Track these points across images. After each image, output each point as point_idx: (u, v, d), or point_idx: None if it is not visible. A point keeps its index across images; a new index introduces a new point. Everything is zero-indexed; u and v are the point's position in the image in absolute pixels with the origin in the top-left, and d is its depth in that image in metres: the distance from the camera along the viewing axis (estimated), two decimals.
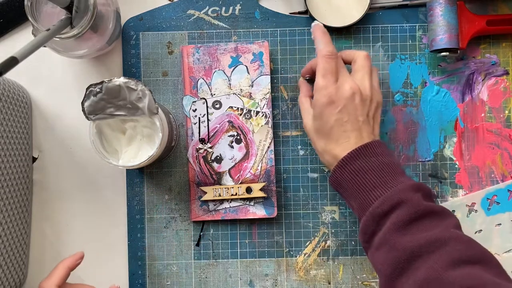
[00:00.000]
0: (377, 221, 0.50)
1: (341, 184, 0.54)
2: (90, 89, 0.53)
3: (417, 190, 0.51)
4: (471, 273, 0.44)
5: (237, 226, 0.65)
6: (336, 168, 0.54)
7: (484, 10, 0.65)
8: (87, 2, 0.54)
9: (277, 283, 0.64)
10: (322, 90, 0.54)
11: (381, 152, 0.54)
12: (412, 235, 0.48)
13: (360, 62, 0.57)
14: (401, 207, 0.49)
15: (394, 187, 0.51)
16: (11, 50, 0.47)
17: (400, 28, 0.65)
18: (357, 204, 0.53)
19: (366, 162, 0.53)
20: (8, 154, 0.59)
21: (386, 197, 0.50)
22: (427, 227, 0.48)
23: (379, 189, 0.51)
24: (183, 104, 0.64)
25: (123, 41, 0.65)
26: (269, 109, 0.64)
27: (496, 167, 0.64)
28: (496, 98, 0.64)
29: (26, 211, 0.63)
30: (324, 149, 0.56)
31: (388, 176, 0.52)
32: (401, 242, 0.48)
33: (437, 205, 0.51)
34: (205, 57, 0.64)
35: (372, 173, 0.52)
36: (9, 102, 0.59)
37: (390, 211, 0.50)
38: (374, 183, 0.52)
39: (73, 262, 0.56)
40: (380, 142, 0.55)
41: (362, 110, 0.55)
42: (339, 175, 0.54)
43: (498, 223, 0.63)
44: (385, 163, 0.53)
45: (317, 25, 0.58)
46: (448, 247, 0.46)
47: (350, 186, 0.53)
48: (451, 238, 0.47)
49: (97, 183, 0.65)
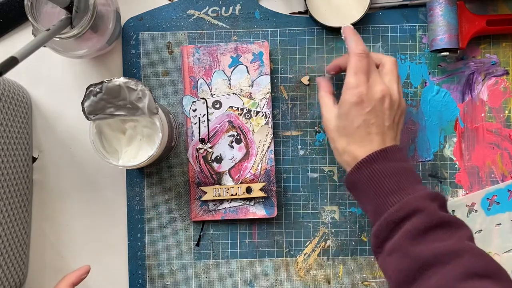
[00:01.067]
0: (392, 227, 0.50)
1: (356, 186, 0.54)
2: (90, 89, 0.53)
3: (433, 199, 0.50)
4: (483, 287, 0.44)
5: (237, 226, 0.65)
6: (354, 169, 0.53)
7: (484, 10, 0.65)
8: (87, 2, 0.54)
9: (277, 283, 0.64)
10: (353, 89, 0.53)
11: (401, 157, 0.53)
12: (426, 244, 0.47)
13: (389, 66, 0.56)
14: (417, 215, 0.49)
15: (411, 194, 0.50)
16: (11, 50, 0.47)
17: (400, 28, 0.65)
18: (372, 208, 0.52)
19: (385, 166, 0.52)
20: (8, 154, 0.59)
21: (402, 204, 0.50)
22: (442, 237, 0.48)
23: (396, 195, 0.51)
24: (183, 104, 0.64)
25: (123, 41, 0.65)
26: (269, 109, 0.64)
27: (496, 167, 0.64)
28: (496, 98, 0.64)
29: (26, 211, 0.63)
30: (345, 149, 0.55)
31: (405, 183, 0.51)
32: (414, 251, 0.47)
33: (452, 216, 0.50)
34: (205, 57, 0.64)
35: (390, 178, 0.51)
36: (9, 102, 0.59)
37: (406, 218, 0.49)
38: (391, 189, 0.51)
39: (77, 278, 0.56)
40: (400, 148, 0.55)
41: (389, 115, 0.54)
42: (357, 176, 0.53)
43: (498, 223, 0.63)
44: (404, 169, 0.52)
45: (347, 27, 0.58)
46: (462, 259, 0.46)
47: (366, 189, 0.52)
48: (465, 250, 0.47)
49: (97, 183, 0.65)
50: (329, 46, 0.65)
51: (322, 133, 0.65)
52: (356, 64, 0.54)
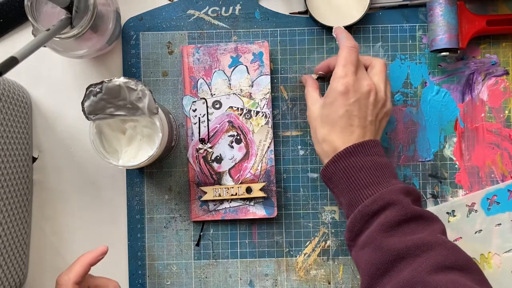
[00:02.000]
0: (365, 220, 0.51)
1: (332, 179, 0.54)
2: (90, 89, 0.53)
3: (407, 193, 0.51)
4: (454, 279, 0.45)
5: (237, 226, 0.65)
6: (331, 162, 0.54)
7: (484, 10, 0.65)
8: (87, 2, 0.54)
9: (277, 283, 0.64)
10: (341, 79, 0.54)
11: (377, 152, 0.54)
12: (399, 237, 0.48)
13: (378, 67, 0.57)
14: (391, 208, 0.50)
15: (385, 188, 0.51)
16: (11, 50, 0.47)
17: (400, 28, 0.65)
18: (346, 201, 0.53)
19: (361, 159, 0.53)
20: (8, 154, 0.59)
21: (376, 197, 0.50)
22: (414, 231, 0.49)
23: (370, 188, 0.51)
24: (183, 104, 0.64)
25: (123, 41, 0.65)
26: (269, 109, 0.64)
27: (496, 167, 0.64)
28: (496, 98, 0.64)
29: (26, 211, 0.63)
30: (324, 137, 0.55)
31: (381, 177, 0.52)
32: (387, 243, 0.48)
33: (425, 210, 0.51)
34: (205, 57, 0.64)
35: (365, 171, 0.52)
36: (9, 102, 0.59)
37: (379, 211, 0.50)
38: (366, 182, 0.52)
39: (94, 259, 0.55)
40: (378, 142, 0.55)
41: (373, 110, 0.55)
42: (333, 169, 0.54)
43: (498, 223, 0.63)
44: (380, 163, 0.53)
45: (338, 27, 0.59)
46: (434, 252, 0.46)
47: (342, 182, 0.53)
48: (437, 243, 0.47)
49: (97, 183, 0.65)
50: (329, 46, 0.65)
51: None
52: (346, 56, 0.55)
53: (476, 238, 0.63)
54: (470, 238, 0.63)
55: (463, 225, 0.63)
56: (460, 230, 0.63)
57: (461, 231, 0.63)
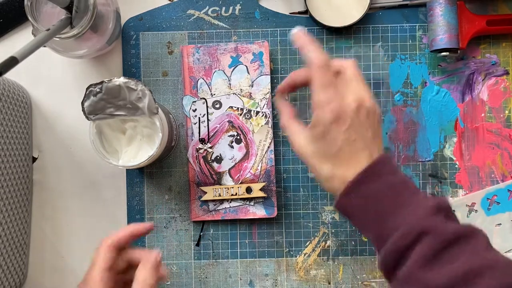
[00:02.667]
0: (400, 256, 0.44)
1: (349, 213, 0.48)
2: (90, 89, 0.53)
3: (438, 211, 0.45)
4: None
5: (237, 226, 0.65)
6: (343, 195, 0.47)
7: (484, 10, 0.65)
8: (87, 2, 0.54)
9: (277, 283, 0.64)
10: (326, 106, 0.47)
11: (390, 170, 0.47)
12: (441, 268, 0.43)
13: (350, 71, 0.50)
14: (425, 238, 0.43)
15: (412, 212, 0.45)
16: (11, 50, 0.47)
17: (400, 28, 0.65)
18: (373, 235, 0.47)
19: (376, 185, 0.46)
20: (8, 154, 0.59)
21: (406, 230, 0.44)
22: (457, 256, 0.43)
23: (396, 217, 0.45)
24: (183, 104, 0.64)
25: (123, 41, 0.65)
26: (269, 109, 0.64)
27: (496, 167, 0.64)
28: (496, 98, 0.64)
29: (26, 211, 0.63)
30: (331, 174, 0.48)
31: (403, 198, 0.46)
32: (431, 279, 0.42)
33: (462, 226, 0.45)
34: (205, 57, 0.64)
35: (385, 197, 0.46)
36: (9, 102, 0.59)
37: (414, 244, 0.44)
38: (389, 209, 0.45)
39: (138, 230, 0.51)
40: (388, 157, 0.48)
41: (369, 125, 0.49)
42: (347, 202, 0.47)
43: (498, 223, 0.63)
44: (397, 183, 0.47)
45: (299, 32, 0.50)
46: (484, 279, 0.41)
47: (362, 215, 0.47)
48: (485, 266, 0.42)
49: (97, 183, 0.65)
50: (329, 46, 0.65)
51: None
52: (322, 78, 0.47)
53: None
54: None
55: None
56: None
57: None
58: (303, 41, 0.49)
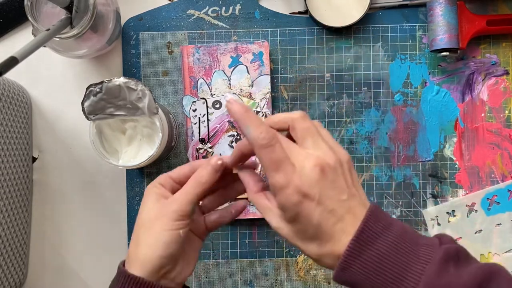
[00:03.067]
0: None
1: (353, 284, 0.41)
2: (90, 89, 0.53)
3: (446, 259, 0.40)
4: None
5: (237, 226, 0.65)
6: (340, 271, 0.41)
7: (484, 10, 0.65)
8: (87, 2, 0.54)
9: (277, 283, 0.64)
10: (285, 189, 0.40)
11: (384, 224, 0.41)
12: None
13: (300, 125, 0.43)
14: None
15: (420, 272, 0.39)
16: (11, 50, 0.47)
17: (400, 28, 0.65)
18: None
19: (375, 250, 0.40)
20: (8, 154, 0.59)
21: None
22: None
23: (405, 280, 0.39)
24: (183, 104, 0.64)
25: (123, 41, 0.65)
26: (269, 109, 0.64)
27: (496, 167, 0.64)
28: (496, 98, 0.64)
29: (26, 211, 0.63)
30: (320, 253, 0.42)
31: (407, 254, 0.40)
32: None
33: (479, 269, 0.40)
34: (205, 57, 0.64)
35: (389, 259, 0.40)
36: (9, 102, 0.59)
37: None
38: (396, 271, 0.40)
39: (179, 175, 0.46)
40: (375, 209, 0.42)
41: (341, 184, 0.42)
42: (348, 276, 0.41)
43: (498, 223, 0.63)
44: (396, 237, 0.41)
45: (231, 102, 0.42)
46: None
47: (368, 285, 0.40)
48: None
49: (97, 183, 0.65)
50: (329, 46, 0.65)
51: None
52: (270, 158, 0.40)
53: (476, 238, 0.63)
54: (470, 238, 0.63)
55: (463, 225, 0.63)
56: (460, 230, 0.63)
57: (461, 231, 0.63)
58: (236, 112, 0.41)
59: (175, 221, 0.43)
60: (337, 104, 0.65)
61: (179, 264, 0.46)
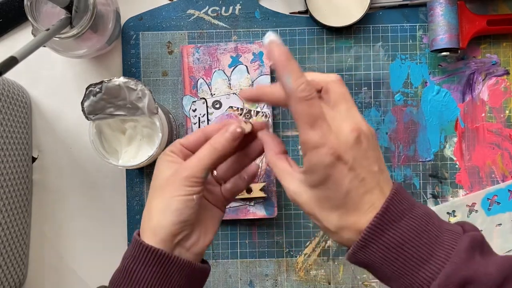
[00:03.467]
0: None
1: (369, 265, 0.40)
2: (90, 89, 0.53)
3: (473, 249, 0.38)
4: None
5: (237, 226, 0.65)
6: (359, 248, 0.39)
7: (485, 10, 0.64)
8: (87, 2, 0.54)
9: (277, 283, 0.64)
10: (321, 147, 0.38)
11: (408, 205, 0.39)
12: None
13: (335, 89, 0.40)
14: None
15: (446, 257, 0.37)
16: (11, 50, 0.47)
17: (400, 28, 0.65)
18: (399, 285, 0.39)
19: (399, 230, 0.38)
20: (8, 154, 0.59)
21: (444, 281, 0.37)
22: None
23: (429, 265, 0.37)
24: (183, 104, 0.64)
25: (123, 41, 0.65)
26: (269, 109, 0.64)
27: (497, 167, 0.64)
28: (497, 98, 0.64)
29: (26, 211, 0.63)
30: (340, 225, 0.39)
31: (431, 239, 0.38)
32: None
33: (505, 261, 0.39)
34: (205, 57, 0.64)
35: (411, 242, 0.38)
36: (9, 102, 0.59)
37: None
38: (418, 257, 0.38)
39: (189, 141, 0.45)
40: (401, 189, 0.40)
41: (372, 155, 0.39)
42: (367, 255, 0.39)
43: (499, 223, 0.63)
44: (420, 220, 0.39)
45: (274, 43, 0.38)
46: None
47: (387, 267, 0.39)
48: None
49: (97, 183, 0.65)
50: (329, 46, 0.65)
51: None
52: (308, 112, 0.38)
53: None
54: None
55: None
56: None
57: None
58: (279, 58, 0.38)
59: (188, 187, 0.42)
60: None
61: (195, 233, 0.44)
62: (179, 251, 0.42)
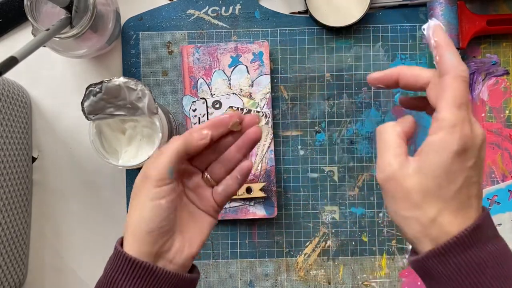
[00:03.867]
0: None
1: (433, 275, 0.37)
2: (90, 89, 0.53)
3: None
4: None
5: (237, 226, 0.65)
6: (435, 254, 0.36)
7: (485, 10, 0.64)
8: (87, 2, 0.54)
9: (277, 283, 0.64)
10: (456, 130, 0.37)
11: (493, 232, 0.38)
12: None
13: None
14: None
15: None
16: (11, 50, 0.47)
17: (400, 28, 0.65)
18: None
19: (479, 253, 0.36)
20: (8, 154, 0.59)
21: None
22: None
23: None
24: (183, 104, 0.64)
25: (123, 41, 0.65)
26: (269, 109, 0.64)
27: (497, 167, 0.64)
28: (497, 98, 0.64)
29: (26, 211, 0.63)
30: (435, 219, 0.37)
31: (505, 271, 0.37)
32: None
33: None
34: (205, 57, 0.64)
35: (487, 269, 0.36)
36: (9, 102, 0.59)
37: None
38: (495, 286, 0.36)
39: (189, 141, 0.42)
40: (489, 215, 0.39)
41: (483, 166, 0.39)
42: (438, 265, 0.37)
43: (499, 223, 0.63)
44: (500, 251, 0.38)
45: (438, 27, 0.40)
46: None
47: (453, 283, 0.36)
48: None
49: (97, 183, 0.65)
50: (329, 46, 0.65)
51: (322, 133, 0.65)
52: (461, 94, 0.37)
53: None
54: None
55: None
56: None
57: None
58: (442, 40, 0.39)
59: (156, 187, 0.40)
60: (337, 104, 0.65)
61: (177, 241, 0.42)
62: (163, 262, 0.41)
